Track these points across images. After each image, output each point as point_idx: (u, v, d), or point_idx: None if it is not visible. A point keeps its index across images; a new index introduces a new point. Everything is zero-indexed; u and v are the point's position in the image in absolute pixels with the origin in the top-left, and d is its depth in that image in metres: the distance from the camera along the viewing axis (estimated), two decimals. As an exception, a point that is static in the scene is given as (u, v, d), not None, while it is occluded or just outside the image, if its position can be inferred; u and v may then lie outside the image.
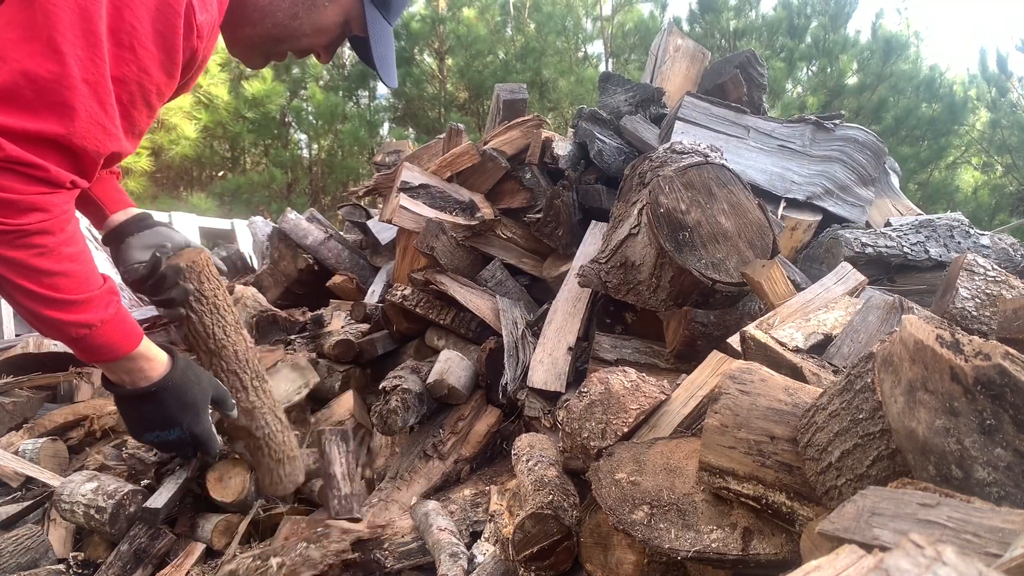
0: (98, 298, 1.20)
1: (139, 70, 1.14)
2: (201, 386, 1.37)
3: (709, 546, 1.12)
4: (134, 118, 1.19)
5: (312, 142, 12.23)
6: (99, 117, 1.11)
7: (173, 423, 1.33)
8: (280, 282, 3.87)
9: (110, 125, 1.13)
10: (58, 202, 1.12)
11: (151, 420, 1.34)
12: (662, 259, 1.90)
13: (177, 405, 1.32)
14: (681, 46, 3.45)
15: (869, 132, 2.95)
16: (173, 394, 1.31)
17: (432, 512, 1.68)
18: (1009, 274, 1.78)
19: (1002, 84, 11.07)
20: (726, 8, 11.42)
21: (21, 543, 2.07)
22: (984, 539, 0.68)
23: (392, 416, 2.24)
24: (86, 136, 1.10)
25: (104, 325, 1.21)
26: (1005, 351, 0.79)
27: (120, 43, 1.10)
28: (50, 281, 1.13)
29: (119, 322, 1.24)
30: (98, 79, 1.09)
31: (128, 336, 1.26)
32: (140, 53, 1.13)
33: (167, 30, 1.14)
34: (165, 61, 1.16)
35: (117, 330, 1.24)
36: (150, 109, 1.21)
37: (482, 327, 2.56)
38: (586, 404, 1.58)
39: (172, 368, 1.32)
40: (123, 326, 1.25)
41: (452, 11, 11.69)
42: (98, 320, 1.20)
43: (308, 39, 1.38)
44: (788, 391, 1.20)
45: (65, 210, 1.15)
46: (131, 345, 1.26)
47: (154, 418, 1.34)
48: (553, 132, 3.06)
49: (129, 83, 1.14)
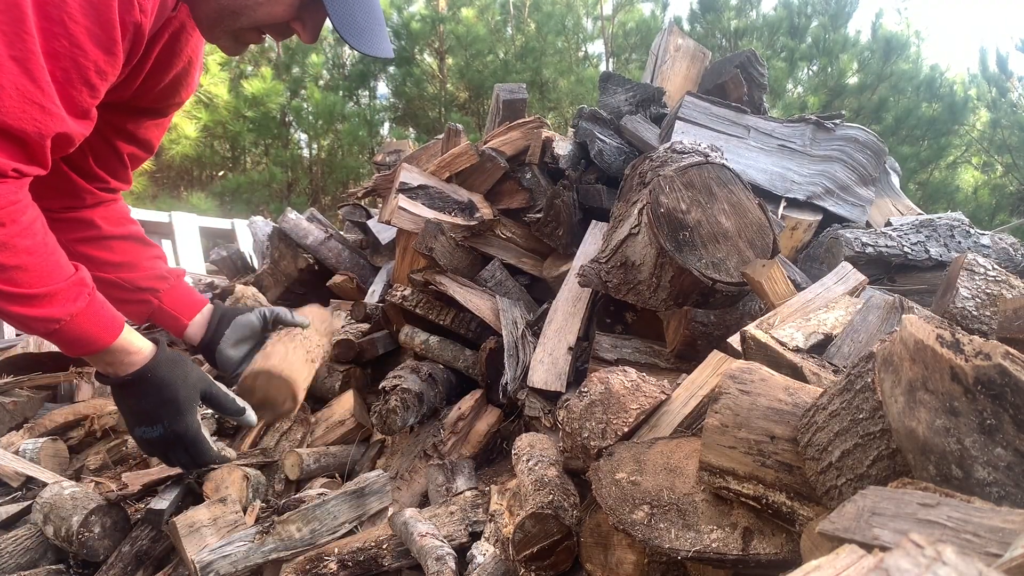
0: (64, 291, 1.14)
1: (71, 45, 1.07)
2: (188, 382, 1.29)
3: (709, 546, 1.12)
4: (73, 97, 1.11)
5: (312, 142, 12.24)
6: (33, 95, 1.04)
7: (155, 419, 1.27)
8: (280, 282, 3.87)
9: (48, 103, 1.06)
10: (4, 192, 1.06)
11: (136, 413, 1.28)
12: (662, 259, 1.90)
13: (157, 399, 1.25)
14: (681, 46, 3.45)
15: (869, 132, 2.95)
16: (153, 386, 1.24)
17: (411, 520, 1.68)
18: (1009, 274, 1.78)
19: (1002, 84, 11.07)
20: (727, 8, 11.42)
21: (21, 543, 2.07)
22: (984, 539, 0.68)
23: (392, 416, 2.24)
24: (22, 117, 1.03)
25: (75, 319, 1.15)
26: (1005, 351, 0.79)
27: (48, 16, 1.03)
28: (7, 276, 1.07)
29: (93, 314, 1.18)
30: (27, 55, 1.02)
31: (106, 328, 1.20)
32: (71, 27, 1.05)
33: (99, 2, 1.07)
34: (100, 35, 1.09)
35: (92, 322, 1.18)
36: (91, 88, 1.12)
37: (482, 327, 2.56)
38: (586, 404, 1.58)
39: (153, 359, 1.25)
40: (98, 318, 1.19)
41: (452, 11, 11.69)
42: (66, 315, 1.13)
43: (264, 7, 1.27)
44: (788, 391, 1.20)
45: (14, 200, 1.08)
46: (110, 337, 1.20)
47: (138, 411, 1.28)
48: (553, 132, 3.06)
49: (62, 59, 1.07)
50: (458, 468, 2.10)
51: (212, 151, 11.18)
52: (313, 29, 1.37)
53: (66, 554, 2.05)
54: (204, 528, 1.84)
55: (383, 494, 2.00)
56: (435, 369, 2.52)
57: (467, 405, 2.38)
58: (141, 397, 1.26)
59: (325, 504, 1.87)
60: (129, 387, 1.25)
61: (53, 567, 2.02)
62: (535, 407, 2.16)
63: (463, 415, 2.36)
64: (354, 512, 1.92)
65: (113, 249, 1.57)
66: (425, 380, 2.43)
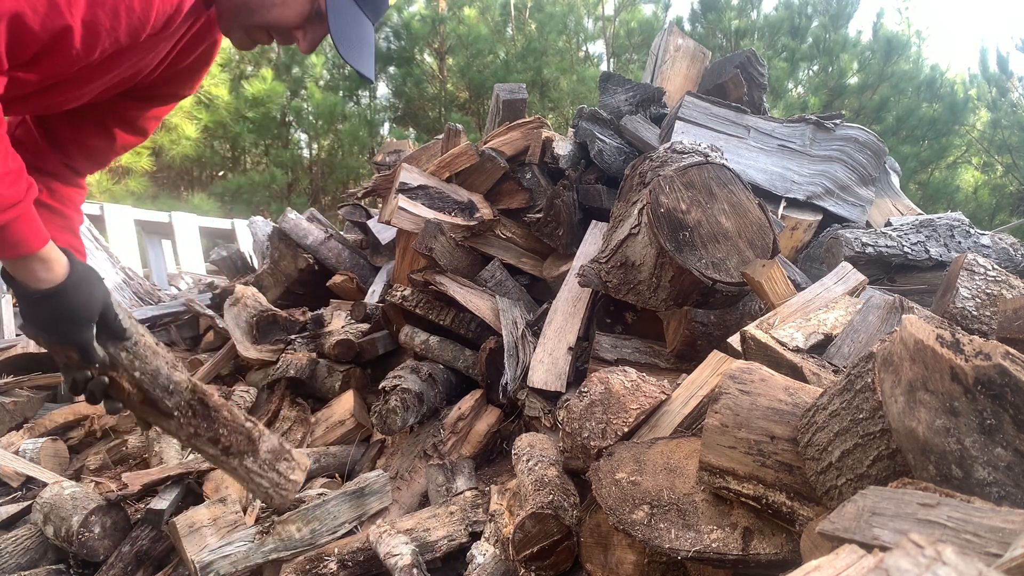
0: (15, 172, 1.15)
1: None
2: (93, 300, 1.33)
3: (709, 546, 1.12)
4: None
5: (312, 142, 12.25)
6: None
7: (56, 330, 1.31)
8: (280, 282, 3.87)
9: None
10: None
11: (38, 321, 1.31)
12: (662, 259, 1.90)
13: (66, 315, 1.30)
14: (682, 46, 3.45)
15: (869, 132, 2.95)
16: (64, 303, 1.29)
17: (379, 545, 1.69)
18: (1009, 274, 1.78)
19: (1003, 84, 11.07)
20: (728, 8, 11.42)
21: (21, 543, 2.07)
22: (984, 539, 0.68)
23: (392, 416, 2.24)
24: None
25: (24, 207, 1.16)
26: (1005, 351, 0.79)
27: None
28: None
29: (31, 216, 1.19)
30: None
31: (37, 234, 1.21)
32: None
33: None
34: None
35: (28, 223, 1.19)
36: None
37: (482, 327, 2.56)
38: (586, 404, 1.58)
39: (70, 276, 1.28)
40: (33, 221, 1.20)
41: (453, 11, 11.70)
42: (19, 198, 1.15)
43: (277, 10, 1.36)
44: (788, 391, 1.20)
45: None
46: (39, 243, 1.22)
47: (41, 320, 1.31)
48: (553, 132, 3.06)
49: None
50: (458, 468, 2.10)
51: (212, 151, 11.19)
52: (312, 41, 1.46)
53: (66, 554, 2.05)
54: (204, 528, 1.84)
55: (383, 494, 2.00)
56: (435, 369, 2.52)
57: (467, 405, 2.38)
58: (51, 310, 1.28)
59: (325, 504, 1.87)
60: (43, 301, 1.27)
61: (53, 567, 2.02)
62: (535, 407, 2.16)
63: (463, 415, 2.36)
64: (354, 512, 1.92)
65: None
66: (425, 380, 2.43)
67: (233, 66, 11.03)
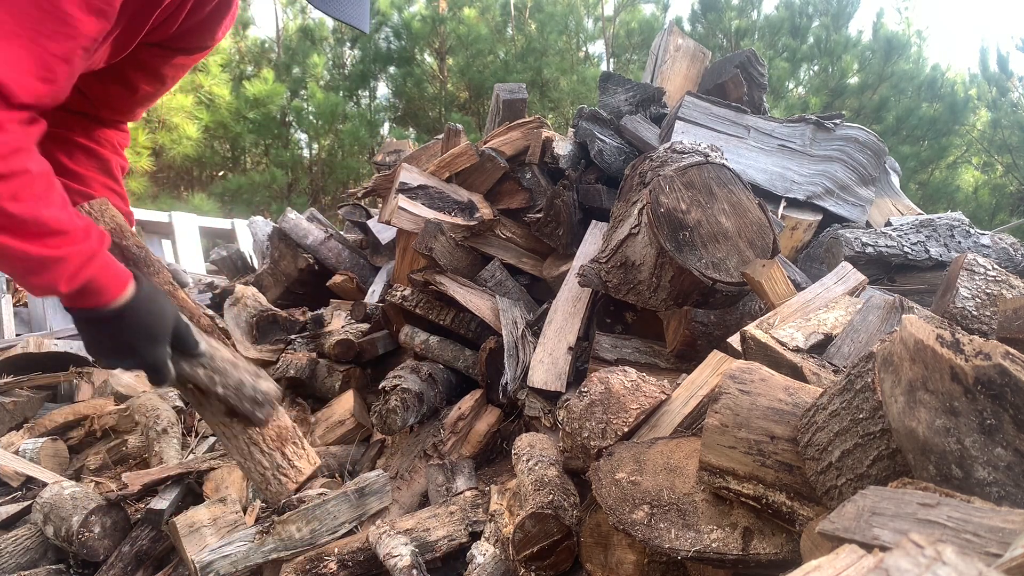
0: (86, 227, 1.09)
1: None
2: (165, 315, 1.24)
3: (709, 546, 1.12)
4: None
5: (312, 142, 12.25)
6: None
7: (128, 353, 1.20)
8: (280, 282, 3.87)
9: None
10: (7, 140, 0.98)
11: (107, 345, 1.20)
12: (662, 259, 1.90)
13: (135, 335, 1.19)
14: (682, 46, 3.45)
15: (869, 132, 2.95)
16: (132, 322, 1.18)
17: (378, 546, 1.68)
18: (1009, 274, 1.78)
19: (1003, 84, 11.07)
20: (728, 8, 11.42)
21: (21, 543, 2.07)
22: (984, 539, 0.68)
23: (392, 416, 2.24)
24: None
25: (100, 255, 1.10)
26: (1005, 351, 0.79)
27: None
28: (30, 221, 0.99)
29: (110, 260, 1.13)
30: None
31: (117, 276, 1.14)
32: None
33: None
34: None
35: (108, 266, 1.12)
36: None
37: (482, 327, 2.56)
38: (586, 404, 1.58)
39: (136, 294, 1.19)
40: (114, 265, 1.14)
41: (453, 11, 11.70)
42: (94, 251, 1.08)
43: None
44: (788, 391, 1.20)
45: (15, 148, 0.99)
46: (120, 288, 1.14)
47: (107, 344, 1.20)
48: (553, 132, 3.06)
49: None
50: (458, 468, 2.10)
51: (213, 152, 11.19)
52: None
53: (66, 554, 2.05)
54: (204, 528, 1.84)
55: (383, 494, 2.00)
56: (435, 369, 2.52)
57: (467, 405, 2.38)
58: (118, 331, 1.18)
59: (325, 504, 1.87)
60: (106, 322, 1.17)
61: (53, 567, 2.02)
62: (535, 407, 2.16)
63: (463, 415, 2.36)
64: (354, 512, 1.92)
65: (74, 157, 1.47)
66: (425, 380, 2.43)
67: (234, 66, 11.04)
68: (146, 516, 2.05)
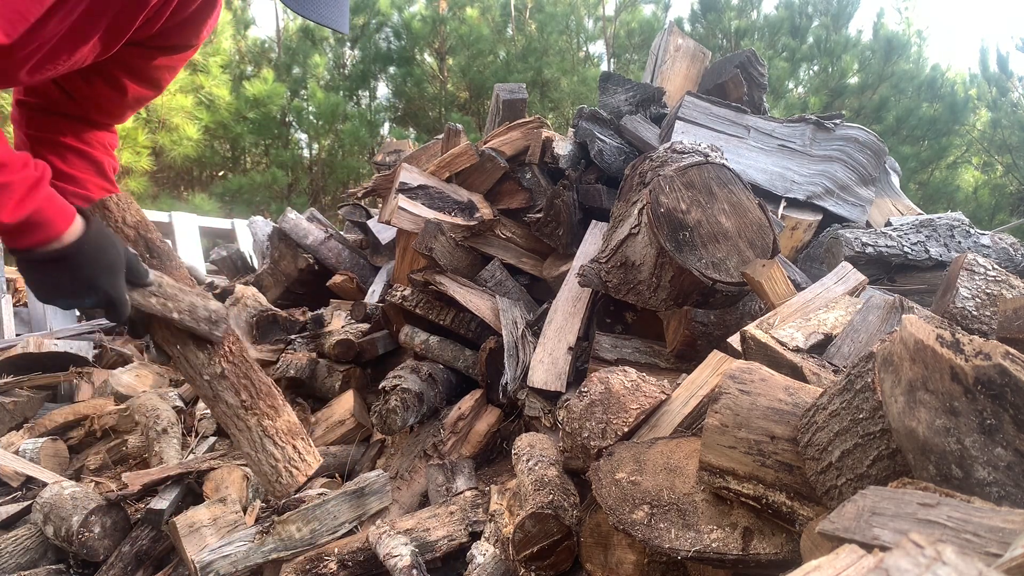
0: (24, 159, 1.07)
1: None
2: (116, 249, 1.21)
3: (709, 546, 1.12)
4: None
5: (312, 142, 12.24)
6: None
7: (88, 290, 1.18)
8: (280, 282, 3.87)
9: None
10: None
11: (62, 286, 1.17)
12: (662, 259, 1.90)
13: (93, 270, 1.16)
14: (682, 46, 3.45)
15: (869, 132, 2.95)
16: (91, 256, 1.16)
17: (378, 546, 1.68)
18: (1009, 274, 1.78)
19: (1003, 84, 11.07)
20: (728, 8, 11.42)
21: (21, 543, 2.07)
22: (984, 539, 0.68)
23: (392, 416, 2.24)
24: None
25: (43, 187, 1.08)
26: (1005, 351, 0.79)
27: None
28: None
29: (53, 193, 1.11)
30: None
31: (62, 210, 1.11)
32: None
33: None
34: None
35: (53, 198, 1.10)
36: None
37: (482, 327, 2.56)
38: (586, 404, 1.58)
39: (88, 228, 1.16)
40: (55, 199, 1.11)
41: (453, 11, 11.70)
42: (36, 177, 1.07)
43: None
44: (788, 391, 1.20)
45: None
46: (66, 222, 1.12)
47: (66, 283, 1.17)
48: (553, 132, 3.06)
49: None
50: (458, 468, 2.10)
51: (213, 152, 11.19)
52: None
53: (66, 554, 2.05)
54: (204, 528, 1.84)
55: (383, 494, 2.00)
56: (435, 369, 2.52)
57: (467, 405, 2.38)
58: (74, 270, 1.16)
59: (325, 504, 1.87)
60: (60, 263, 1.15)
61: (53, 567, 2.02)
62: (535, 407, 2.16)
63: (463, 415, 2.36)
64: (354, 512, 1.92)
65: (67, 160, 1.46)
66: (425, 380, 2.43)
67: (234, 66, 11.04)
68: (146, 516, 2.05)
